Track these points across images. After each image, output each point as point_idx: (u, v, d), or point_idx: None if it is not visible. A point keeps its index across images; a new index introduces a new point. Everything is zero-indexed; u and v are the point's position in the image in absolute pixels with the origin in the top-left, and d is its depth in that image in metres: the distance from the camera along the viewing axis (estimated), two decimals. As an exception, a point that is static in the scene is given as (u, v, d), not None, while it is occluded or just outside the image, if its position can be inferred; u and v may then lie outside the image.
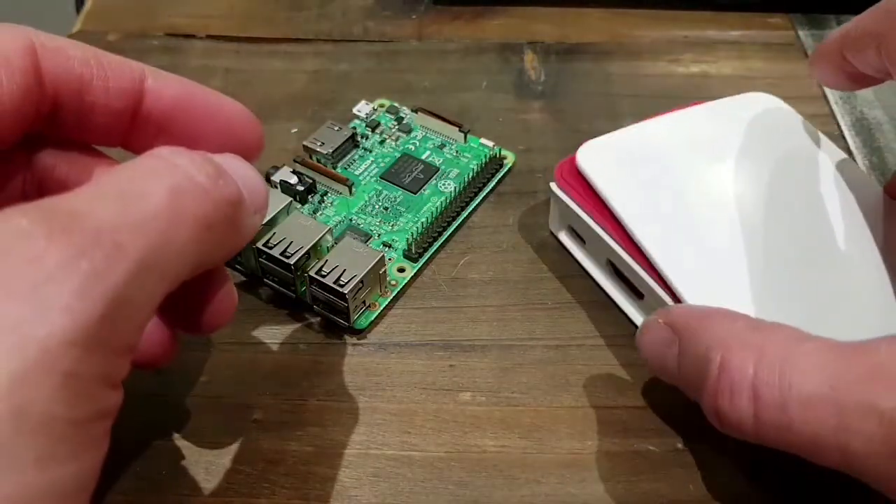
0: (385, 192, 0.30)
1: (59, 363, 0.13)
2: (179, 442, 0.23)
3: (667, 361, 0.21)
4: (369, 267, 0.25)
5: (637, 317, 0.26)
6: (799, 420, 0.18)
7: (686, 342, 0.21)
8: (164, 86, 0.20)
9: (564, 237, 0.28)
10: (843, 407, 0.17)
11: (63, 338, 0.13)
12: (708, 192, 0.25)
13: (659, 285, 0.24)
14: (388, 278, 0.27)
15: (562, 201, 0.27)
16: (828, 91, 0.35)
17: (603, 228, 0.25)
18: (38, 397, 0.13)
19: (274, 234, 0.26)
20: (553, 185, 0.27)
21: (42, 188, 0.20)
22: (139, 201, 0.16)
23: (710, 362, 0.19)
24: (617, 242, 0.25)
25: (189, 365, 0.25)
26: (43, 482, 0.13)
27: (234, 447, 0.23)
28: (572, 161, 0.26)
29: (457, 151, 0.31)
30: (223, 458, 0.23)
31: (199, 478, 0.22)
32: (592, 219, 0.26)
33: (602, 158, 0.26)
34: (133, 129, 0.20)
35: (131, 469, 0.22)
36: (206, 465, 0.23)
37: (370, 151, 0.31)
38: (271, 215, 0.26)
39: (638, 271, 0.24)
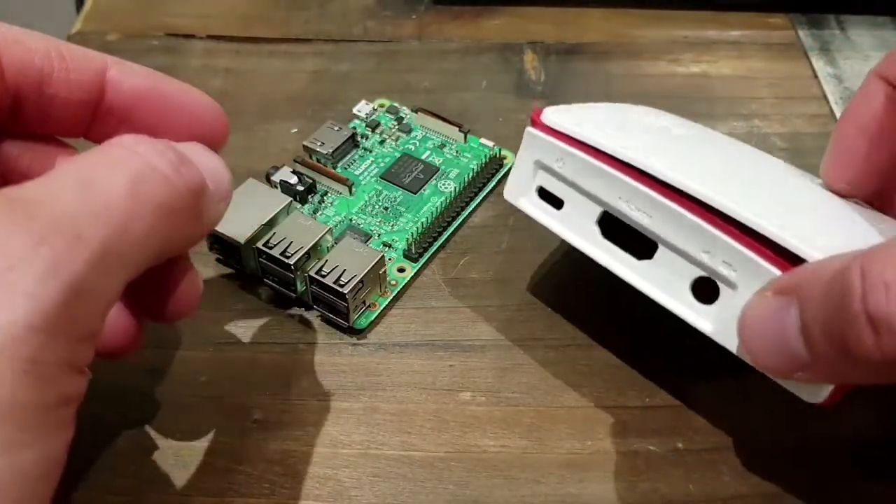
0: (385, 192, 0.30)
1: (23, 349, 0.14)
2: (179, 442, 0.23)
3: (784, 327, 0.18)
4: (369, 267, 0.25)
5: (637, 280, 0.22)
6: None
7: (807, 288, 0.17)
8: (126, 77, 0.20)
9: (528, 204, 0.24)
10: None
11: (26, 323, 0.14)
12: (684, 144, 0.25)
13: (695, 213, 0.20)
14: (388, 278, 0.27)
15: (543, 145, 0.23)
16: (828, 91, 0.35)
17: (610, 164, 0.22)
18: (1, 383, 0.13)
19: (274, 234, 0.26)
20: (530, 129, 0.24)
21: (5, 179, 0.20)
22: (99, 189, 0.16)
23: (849, 274, 0.16)
24: (632, 177, 0.21)
25: (189, 365, 0.25)
26: (9, 467, 0.14)
27: (234, 447, 0.23)
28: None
29: (457, 151, 0.31)
30: (223, 458, 0.23)
31: (198, 478, 0.22)
32: (592, 156, 0.22)
33: (571, 116, 0.24)
34: (96, 120, 0.20)
35: (131, 469, 0.22)
36: (206, 465, 0.23)
37: (370, 151, 0.31)
38: (271, 215, 0.26)
39: (666, 203, 0.21)
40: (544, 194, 0.24)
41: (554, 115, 0.23)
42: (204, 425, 0.23)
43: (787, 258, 0.19)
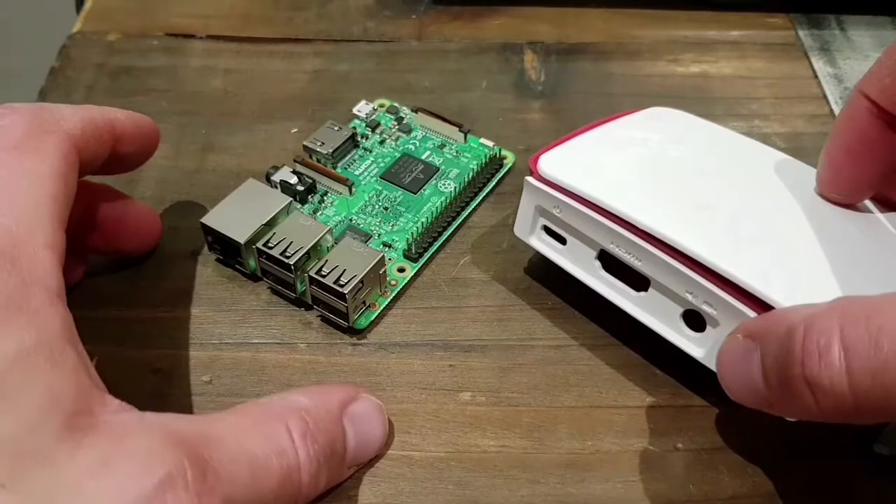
0: (385, 192, 0.30)
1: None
2: (179, 442, 0.23)
3: (750, 369, 0.19)
4: (369, 267, 0.25)
5: (635, 311, 0.24)
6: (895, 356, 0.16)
7: (767, 338, 0.19)
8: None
9: (536, 241, 0.26)
10: None
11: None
12: (679, 176, 0.25)
13: (677, 260, 0.22)
14: (388, 278, 0.27)
15: (541, 194, 0.25)
16: (828, 91, 0.35)
17: (600, 214, 0.24)
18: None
19: (274, 234, 0.26)
20: (529, 179, 0.25)
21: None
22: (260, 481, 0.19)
23: (793, 336, 0.18)
24: (620, 226, 0.23)
25: (190, 365, 0.25)
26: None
27: (234, 447, 0.23)
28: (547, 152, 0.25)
29: (457, 151, 0.31)
30: (223, 458, 0.23)
31: (199, 478, 0.22)
32: (584, 206, 0.24)
33: (564, 165, 0.25)
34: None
35: (131, 469, 0.22)
36: (206, 465, 0.23)
37: (370, 151, 0.31)
38: (271, 215, 0.26)
39: (651, 251, 0.23)
40: (549, 231, 0.26)
41: (549, 165, 0.25)
42: (204, 425, 0.23)
43: (759, 302, 0.21)
